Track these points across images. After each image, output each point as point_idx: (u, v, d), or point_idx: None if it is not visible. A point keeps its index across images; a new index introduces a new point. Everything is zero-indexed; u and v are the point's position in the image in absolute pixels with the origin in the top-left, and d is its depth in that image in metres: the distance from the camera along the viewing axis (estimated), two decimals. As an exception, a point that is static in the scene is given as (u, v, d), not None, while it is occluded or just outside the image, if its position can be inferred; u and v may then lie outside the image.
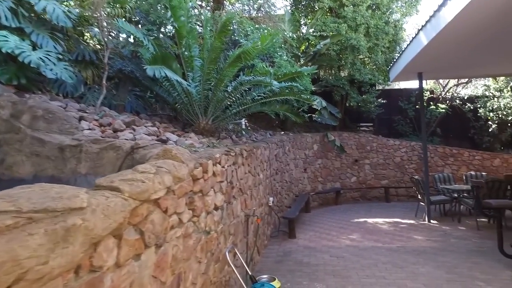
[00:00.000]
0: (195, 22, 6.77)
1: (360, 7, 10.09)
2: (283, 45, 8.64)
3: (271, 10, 10.85)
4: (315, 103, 7.71)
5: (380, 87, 11.90)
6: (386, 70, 10.36)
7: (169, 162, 2.31)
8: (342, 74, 11.57)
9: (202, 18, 6.86)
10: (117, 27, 5.03)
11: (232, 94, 5.46)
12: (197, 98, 5.15)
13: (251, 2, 10.19)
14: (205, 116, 5.31)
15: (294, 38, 9.88)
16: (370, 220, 7.77)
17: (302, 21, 11.89)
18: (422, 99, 8.06)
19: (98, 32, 5.09)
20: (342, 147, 10.30)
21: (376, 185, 10.60)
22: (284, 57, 7.63)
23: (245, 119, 6.62)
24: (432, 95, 12.30)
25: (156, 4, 6.42)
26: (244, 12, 10.11)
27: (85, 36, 6.15)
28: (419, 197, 7.82)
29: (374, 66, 11.21)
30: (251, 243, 4.61)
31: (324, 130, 10.81)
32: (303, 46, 10.92)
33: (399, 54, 7.89)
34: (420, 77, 7.85)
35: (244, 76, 5.29)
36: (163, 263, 2.05)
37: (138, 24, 6.37)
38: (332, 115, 10.25)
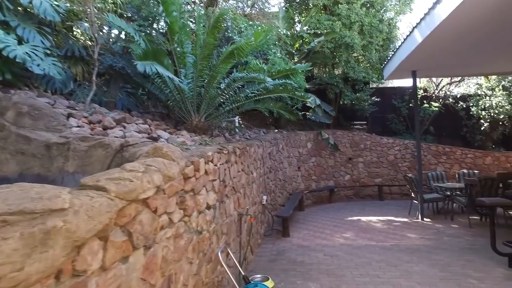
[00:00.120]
0: (188, 18, 6.66)
1: (354, 4, 10.06)
2: (277, 42, 8.57)
3: (265, 7, 10.78)
4: (309, 100, 7.67)
5: (374, 85, 11.91)
6: (380, 68, 10.36)
7: (159, 160, 2.24)
8: (336, 72, 11.54)
9: (196, 14, 6.75)
10: (107, 22, 4.91)
11: (225, 91, 5.38)
12: (189, 95, 5.06)
13: (245, -2, 10.10)
14: (197, 114, 5.23)
15: (288, 35, 9.82)
16: (363, 218, 7.77)
17: (296, 18, 11.83)
18: (416, 97, 8.06)
19: (88, 27, 4.97)
20: (336, 145, 10.28)
21: (370, 183, 10.62)
22: (278, 54, 7.57)
23: (238, 117, 6.55)
24: (425, 93, 12.35)
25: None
26: (238, 9, 10.01)
27: (74, 31, 6.01)
28: (413, 195, 7.84)
29: (368, 64, 11.20)
30: (244, 243, 4.55)
31: (318, 128, 10.78)
32: (297, 44, 10.86)
33: (393, 52, 7.88)
34: (414, 75, 7.85)
35: (237, 73, 5.22)
36: (153, 265, 1.98)
37: (131, 20, 6.25)
38: (326, 113, 10.22)
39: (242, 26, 7.31)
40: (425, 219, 7.40)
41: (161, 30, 6.90)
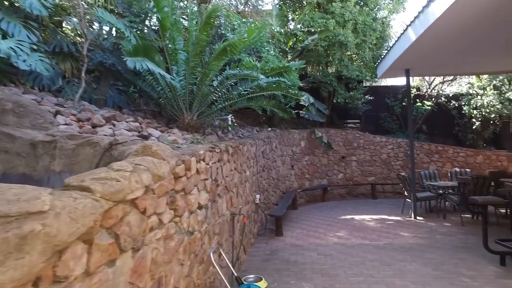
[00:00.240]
0: (180, 15, 6.55)
1: (348, 3, 10.03)
2: (270, 40, 8.50)
3: (258, 4, 10.69)
4: (302, 98, 7.62)
5: (367, 83, 11.91)
6: (374, 67, 10.37)
7: (148, 159, 2.16)
8: (330, 70, 11.52)
9: (188, 12, 6.65)
10: (97, 18, 4.79)
11: (218, 88, 5.30)
12: (181, 93, 4.97)
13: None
14: (190, 112, 5.14)
15: (282, 33, 9.75)
16: (357, 217, 7.76)
17: (290, 16, 11.78)
18: (409, 96, 8.06)
19: (77, 23, 4.84)
20: (329, 144, 10.27)
21: (363, 181, 10.63)
22: (272, 52, 7.50)
23: (231, 115, 6.47)
24: (418, 92, 12.40)
25: (140, -5, 6.17)
26: (231, 6, 9.92)
27: (63, 27, 5.86)
28: (406, 193, 7.86)
29: (362, 63, 11.20)
30: (237, 242, 4.49)
31: (311, 127, 10.75)
32: (291, 42, 10.80)
33: (387, 50, 7.87)
34: (407, 73, 7.85)
35: (230, 70, 5.14)
36: (141, 268, 1.91)
37: (122, 16, 6.11)
38: (319, 112, 10.20)
39: (235, 23, 7.23)
40: (418, 217, 7.43)
41: (153, 27, 6.79)
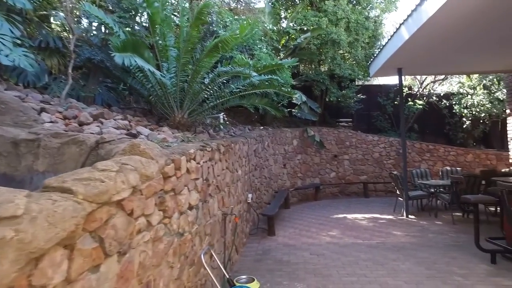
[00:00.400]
0: (171, 11, 6.43)
1: (340, 1, 10.01)
2: (263, 37, 8.42)
3: (250, 2, 10.60)
4: (295, 96, 7.56)
5: (359, 82, 11.93)
6: (366, 66, 10.37)
7: (135, 158, 2.06)
8: (322, 68, 11.50)
9: (180, 8, 6.52)
10: (84, 12, 4.65)
11: (210, 86, 5.20)
12: (172, 90, 4.86)
13: (230, -8, 9.90)
14: (181, 110, 5.04)
15: (275, 31, 9.68)
16: (349, 216, 7.75)
17: (283, 14, 11.71)
18: (401, 95, 8.07)
19: (64, 17, 4.69)
20: (321, 143, 10.25)
21: (355, 180, 10.65)
22: (264, 49, 7.42)
23: (223, 113, 6.38)
24: (410, 91, 12.47)
25: (129, -10, 6.03)
26: (223, 3, 9.80)
27: (51, 22, 5.69)
28: (398, 192, 7.88)
29: (354, 62, 11.20)
30: (229, 243, 4.41)
31: (303, 125, 10.72)
32: (283, 40, 10.74)
33: (380, 49, 7.86)
34: (399, 72, 7.85)
35: (222, 67, 5.05)
36: (128, 273, 1.81)
37: (111, 11, 5.97)
38: (312, 110, 10.16)
39: (227, 20, 7.13)
40: (409, 216, 7.44)
41: (143, 24, 6.65)
